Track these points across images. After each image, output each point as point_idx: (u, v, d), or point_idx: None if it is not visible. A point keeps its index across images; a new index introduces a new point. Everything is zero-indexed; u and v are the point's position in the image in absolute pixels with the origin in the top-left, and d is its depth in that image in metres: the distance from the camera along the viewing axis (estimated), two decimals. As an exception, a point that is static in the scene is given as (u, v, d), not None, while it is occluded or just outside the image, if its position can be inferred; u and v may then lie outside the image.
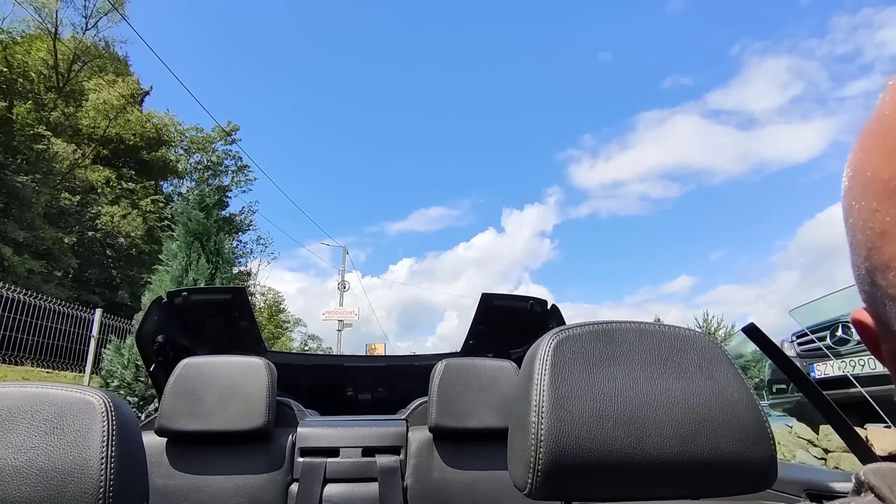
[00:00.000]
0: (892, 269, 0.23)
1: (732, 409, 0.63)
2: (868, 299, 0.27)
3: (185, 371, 1.41)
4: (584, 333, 0.65)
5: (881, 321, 0.26)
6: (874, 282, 0.25)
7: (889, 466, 0.31)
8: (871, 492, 0.31)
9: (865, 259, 0.25)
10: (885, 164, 0.23)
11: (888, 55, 29.21)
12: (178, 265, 5.14)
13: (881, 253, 0.24)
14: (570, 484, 0.60)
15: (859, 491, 0.32)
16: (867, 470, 0.32)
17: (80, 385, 0.69)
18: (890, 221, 0.23)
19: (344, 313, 19.82)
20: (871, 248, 0.24)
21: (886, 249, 0.23)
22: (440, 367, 1.51)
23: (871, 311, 0.28)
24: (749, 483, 0.63)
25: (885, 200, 0.23)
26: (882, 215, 0.23)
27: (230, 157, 23.92)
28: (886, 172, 0.23)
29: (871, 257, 0.24)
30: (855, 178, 0.26)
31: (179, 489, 1.39)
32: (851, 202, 0.26)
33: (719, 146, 39.60)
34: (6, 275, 10.79)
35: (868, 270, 0.25)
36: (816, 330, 3.77)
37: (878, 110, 0.25)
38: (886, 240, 0.23)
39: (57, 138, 15.51)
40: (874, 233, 0.24)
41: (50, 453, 0.61)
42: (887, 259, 0.23)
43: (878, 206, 0.24)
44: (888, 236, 0.23)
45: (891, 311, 0.24)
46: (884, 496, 0.30)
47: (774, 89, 36.86)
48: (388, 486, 1.46)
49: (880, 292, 0.24)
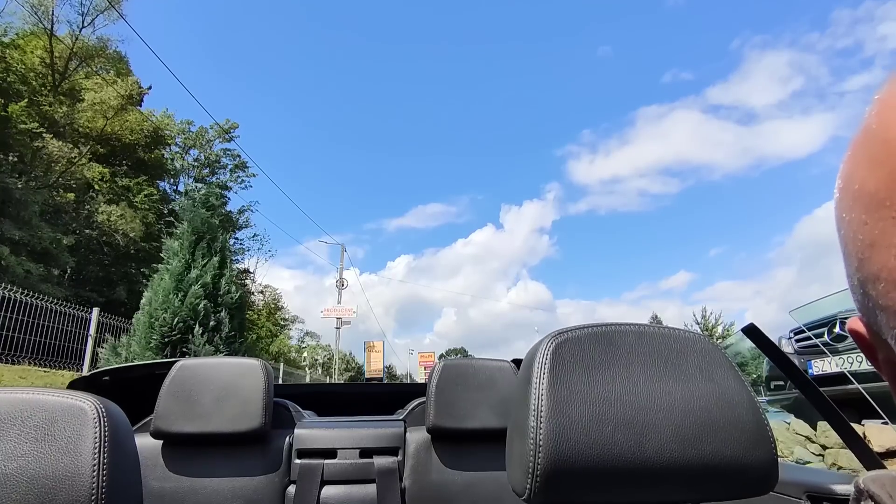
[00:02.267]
0: (881, 279, 0.23)
1: (733, 411, 0.62)
2: (862, 309, 0.27)
3: (181, 373, 1.40)
4: (583, 336, 0.65)
5: (874, 330, 0.27)
6: (866, 292, 0.25)
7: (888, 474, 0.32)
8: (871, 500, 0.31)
9: (857, 270, 0.25)
10: (871, 176, 0.24)
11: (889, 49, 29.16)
12: (178, 263, 5.12)
13: (871, 264, 0.24)
14: (569, 489, 0.59)
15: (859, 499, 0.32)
16: (867, 478, 0.32)
17: (72, 391, 0.68)
18: (878, 233, 0.23)
19: (342, 311, 19.84)
20: (862, 259, 0.25)
21: (876, 260, 0.23)
22: (438, 368, 1.50)
23: (865, 320, 0.28)
24: (750, 486, 0.62)
25: (873, 213, 0.23)
26: (871, 227, 0.23)
27: (228, 155, 23.89)
28: (873, 185, 0.23)
29: (862, 268, 0.25)
30: (845, 189, 0.26)
31: (175, 492, 1.38)
32: (842, 213, 0.26)
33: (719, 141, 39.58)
34: (3, 274, 10.76)
35: (860, 281, 0.25)
36: (814, 327, 3.78)
37: (865, 123, 0.25)
38: (875, 251, 0.23)
39: (53, 137, 15.45)
40: (864, 244, 0.24)
41: (41, 460, 0.60)
42: (877, 270, 0.23)
43: (867, 217, 0.24)
44: (877, 247, 0.23)
45: (882, 321, 0.24)
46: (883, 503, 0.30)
47: (775, 84, 36.86)
48: (386, 487, 1.45)
49: (872, 302, 0.25)
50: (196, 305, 4.88)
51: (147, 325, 4.83)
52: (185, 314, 4.81)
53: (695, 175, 44.96)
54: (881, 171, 0.23)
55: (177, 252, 5.21)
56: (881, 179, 0.23)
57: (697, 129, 39.85)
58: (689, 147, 42.08)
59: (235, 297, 5.24)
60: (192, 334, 4.77)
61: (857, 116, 0.27)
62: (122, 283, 16.32)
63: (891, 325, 0.24)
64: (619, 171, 44.20)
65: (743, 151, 42.74)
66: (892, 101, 0.24)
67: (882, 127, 0.24)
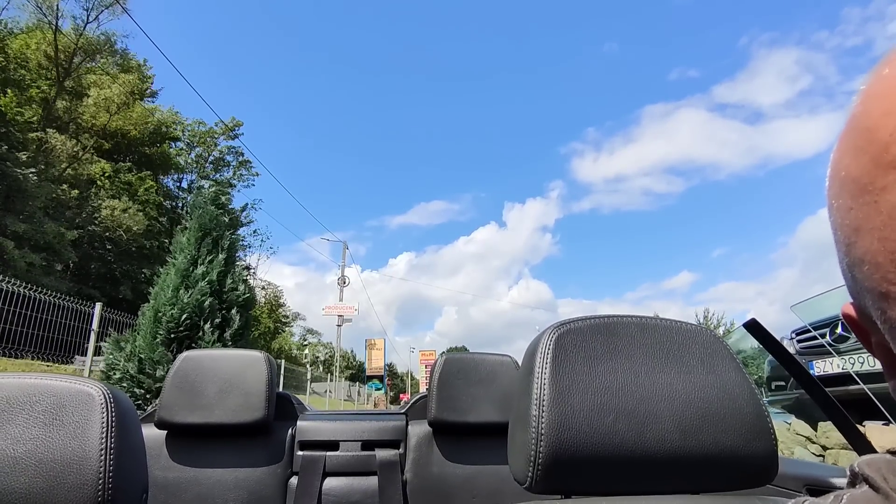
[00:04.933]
0: (866, 262, 0.24)
1: (734, 403, 0.63)
2: (852, 293, 0.28)
3: (185, 364, 1.41)
4: (585, 327, 0.65)
5: (864, 313, 0.28)
6: (854, 276, 0.26)
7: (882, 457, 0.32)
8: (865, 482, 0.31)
9: (845, 255, 0.26)
10: (854, 163, 0.25)
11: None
12: (184, 259, 5.13)
13: (856, 248, 0.25)
14: (570, 478, 0.60)
15: (854, 482, 0.33)
16: (861, 461, 0.33)
17: (80, 377, 0.69)
18: (863, 217, 0.24)
19: (344, 309, 19.88)
20: (849, 244, 0.25)
21: (860, 244, 0.24)
22: (440, 362, 1.51)
23: (855, 304, 0.29)
24: (750, 477, 0.63)
25: (858, 198, 0.24)
26: (856, 212, 0.24)
27: (232, 153, 23.92)
28: (856, 171, 0.24)
29: (850, 252, 0.26)
30: (833, 176, 0.27)
31: (179, 482, 1.39)
32: (831, 200, 0.27)
33: (725, 140, 39.29)
34: (6, 268, 10.80)
35: (848, 265, 0.26)
36: (816, 327, 3.77)
37: (851, 113, 0.26)
38: (860, 235, 0.24)
39: (57, 131, 15.47)
40: (850, 229, 0.25)
41: (49, 444, 0.61)
42: (861, 254, 0.24)
43: (852, 203, 0.25)
44: (861, 232, 0.24)
45: (868, 303, 0.25)
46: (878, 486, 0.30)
47: (782, 82, 36.56)
48: (388, 479, 1.46)
49: (859, 286, 0.26)
50: (202, 302, 4.89)
51: (153, 319, 4.84)
52: (190, 310, 4.83)
53: (699, 174, 44.80)
54: (863, 157, 0.24)
55: (184, 247, 5.22)
56: (863, 165, 0.24)
57: (703, 127, 39.67)
58: (694, 146, 41.89)
59: (242, 295, 5.26)
60: (202, 331, 4.79)
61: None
62: (125, 282, 16.35)
63: (875, 306, 0.25)
64: (623, 170, 44.05)
65: (749, 151, 42.58)
66: (873, 90, 0.25)
67: (864, 115, 0.25)
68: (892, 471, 0.30)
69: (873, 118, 0.24)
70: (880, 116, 0.23)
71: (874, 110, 0.24)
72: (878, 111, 0.24)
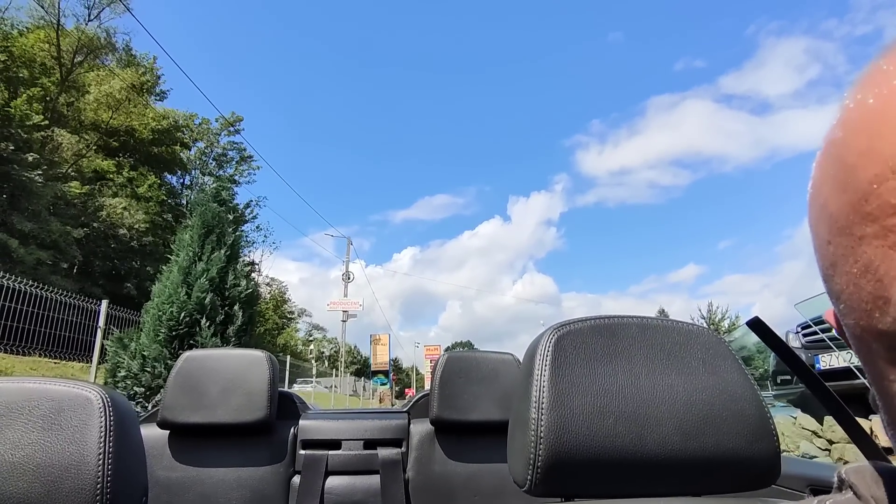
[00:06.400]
0: (841, 301, 0.24)
1: (736, 404, 0.62)
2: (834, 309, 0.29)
3: (188, 364, 1.42)
4: (585, 328, 0.64)
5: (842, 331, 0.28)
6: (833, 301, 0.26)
7: (868, 467, 0.33)
8: (850, 490, 0.33)
9: (823, 280, 0.26)
10: (834, 198, 0.24)
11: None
12: (185, 256, 5.15)
13: (832, 283, 0.25)
14: (570, 480, 0.59)
15: (840, 488, 0.34)
16: (849, 468, 0.34)
17: (78, 380, 0.69)
18: (840, 257, 0.23)
19: (348, 304, 19.94)
20: (826, 276, 0.25)
21: (837, 280, 0.24)
22: (442, 360, 1.51)
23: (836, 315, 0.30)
24: (752, 479, 0.62)
25: (836, 237, 0.24)
26: (833, 249, 0.24)
27: (233, 148, 23.96)
28: (835, 207, 0.23)
29: (827, 281, 0.26)
30: (813, 200, 0.26)
31: (182, 481, 1.40)
32: (811, 221, 0.26)
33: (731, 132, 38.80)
34: (14, 266, 10.88)
35: (827, 290, 0.26)
36: (819, 323, 3.75)
37: (832, 135, 0.24)
38: (836, 272, 0.24)
39: (61, 129, 15.53)
40: (827, 262, 0.25)
41: (47, 449, 0.61)
42: (838, 290, 0.24)
43: (829, 238, 0.24)
44: (837, 268, 0.24)
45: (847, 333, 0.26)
46: (860, 494, 0.32)
47: (790, 72, 36.00)
48: (390, 478, 1.46)
49: (838, 313, 0.26)
50: (203, 299, 4.90)
51: (155, 317, 4.87)
52: (191, 308, 4.84)
53: (706, 167, 44.42)
54: (843, 196, 0.23)
55: (186, 245, 5.23)
56: (842, 206, 0.23)
57: (709, 119, 39.23)
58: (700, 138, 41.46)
59: (245, 291, 5.27)
60: (200, 327, 4.80)
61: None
62: (130, 279, 16.44)
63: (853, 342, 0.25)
64: (628, 163, 43.72)
65: (756, 142, 42.17)
66: (853, 119, 0.23)
67: (844, 147, 0.23)
68: (875, 480, 0.32)
69: (853, 154, 0.22)
70: (859, 155, 0.22)
71: (854, 144, 0.22)
72: (856, 147, 0.22)
